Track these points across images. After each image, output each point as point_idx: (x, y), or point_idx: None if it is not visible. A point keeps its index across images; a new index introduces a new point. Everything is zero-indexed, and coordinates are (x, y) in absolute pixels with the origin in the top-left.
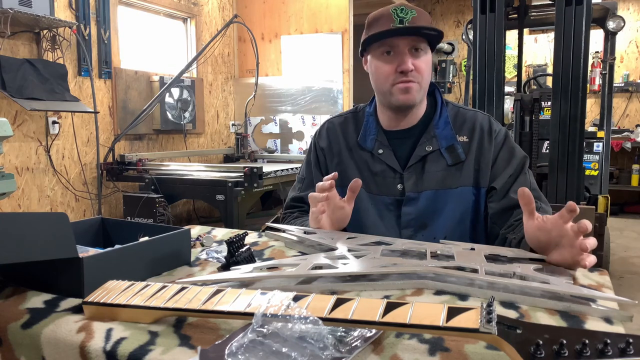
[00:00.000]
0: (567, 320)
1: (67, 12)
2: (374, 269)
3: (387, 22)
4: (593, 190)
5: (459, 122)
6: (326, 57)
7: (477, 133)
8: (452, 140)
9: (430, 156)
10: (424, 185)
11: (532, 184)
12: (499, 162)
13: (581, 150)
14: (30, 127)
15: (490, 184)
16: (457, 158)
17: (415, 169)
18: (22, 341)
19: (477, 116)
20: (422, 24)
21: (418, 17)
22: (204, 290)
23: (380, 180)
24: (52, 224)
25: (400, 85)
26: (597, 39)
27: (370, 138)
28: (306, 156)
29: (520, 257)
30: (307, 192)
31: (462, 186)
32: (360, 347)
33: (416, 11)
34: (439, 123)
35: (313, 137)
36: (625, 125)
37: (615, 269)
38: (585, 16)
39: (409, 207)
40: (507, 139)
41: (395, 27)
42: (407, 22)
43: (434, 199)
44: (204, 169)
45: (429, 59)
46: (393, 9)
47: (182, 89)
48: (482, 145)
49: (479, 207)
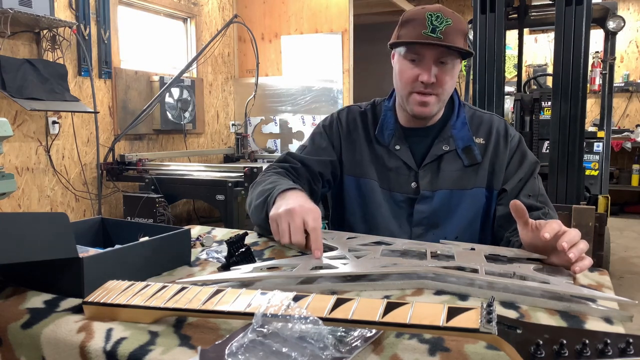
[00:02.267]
0: (567, 320)
1: (67, 12)
2: (374, 269)
3: (419, 27)
4: (593, 190)
5: (475, 123)
6: (326, 57)
7: (494, 136)
8: (469, 142)
9: (446, 156)
10: (439, 184)
11: (540, 189)
12: (511, 165)
13: (581, 150)
14: (30, 127)
15: (502, 186)
16: (473, 159)
17: (431, 168)
18: (22, 341)
19: (493, 119)
20: (455, 36)
21: (453, 27)
22: (204, 290)
23: (394, 177)
24: (52, 224)
25: (418, 97)
26: (597, 39)
27: (387, 133)
28: (314, 130)
29: (520, 257)
30: (308, 157)
31: (476, 187)
32: (360, 347)
33: (452, 20)
34: (456, 124)
35: (329, 120)
36: (625, 125)
37: (615, 269)
38: (585, 16)
39: (422, 205)
40: (520, 144)
41: (425, 35)
42: (440, 32)
43: (449, 199)
44: (204, 169)
45: (455, 71)
46: (428, 14)
47: (182, 89)
48: (498, 148)
49: (490, 209)
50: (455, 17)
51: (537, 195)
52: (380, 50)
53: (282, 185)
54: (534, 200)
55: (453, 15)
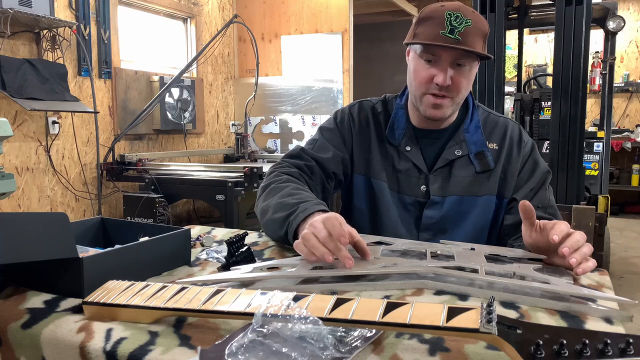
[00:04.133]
0: (567, 320)
1: (67, 12)
2: (374, 269)
3: (437, 26)
4: (593, 190)
5: (489, 127)
6: (326, 57)
7: (507, 142)
8: (483, 147)
9: (458, 161)
10: (449, 189)
11: (551, 200)
12: (522, 173)
13: (581, 150)
14: (30, 127)
15: (512, 195)
16: (486, 165)
17: (442, 173)
18: (22, 341)
19: (508, 124)
20: (474, 38)
21: (472, 28)
22: (204, 290)
23: (404, 179)
24: (52, 224)
25: (431, 98)
26: (597, 39)
27: (398, 132)
28: (324, 124)
29: (520, 257)
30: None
31: (488, 194)
32: (360, 347)
33: (472, 21)
34: (469, 127)
35: (341, 115)
36: (625, 125)
37: (615, 269)
38: (585, 16)
39: (432, 211)
40: (533, 151)
41: (443, 35)
42: (458, 33)
43: (459, 205)
44: (204, 169)
45: (472, 74)
46: (448, 13)
47: (182, 89)
48: (511, 155)
49: (499, 217)
50: (475, 16)
51: (546, 206)
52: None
53: (306, 203)
54: (542, 212)
55: (473, 15)
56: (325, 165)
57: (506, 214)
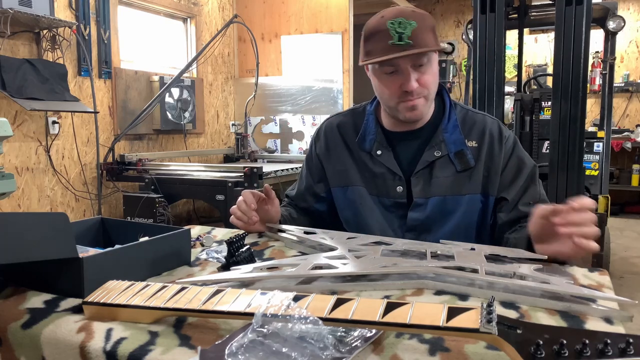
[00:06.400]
0: (567, 320)
1: (67, 12)
2: (374, 269)
3: (385, 38)
4: (593, 190)
5: (467, 125)
6: (326, 57)
7: (487, 139)
8: (462, 146)
9: (438, 162)
10: (432, 191)
11: (542, 195)
12: (507, 170)
13: (581, 150)
14: (30, 127)
15: (500, 193)
16: (466, 164)
17: (423, 175)
18: (22, 341)
19: (486, 120)
20: (424, 35)
21: (419, 27)
22: (204, 290)
23: (381, 182)
24: (52, 224)
25: (407, 104)
26: (597, 39)
27: (369, 138)
28: (306, 156)
29: (520, 257)
30: (297, 192)
31: (471, 193)
32: (360, 347)
33: (416, 21)
34: (447, 127)
35: (312, 139)
36: (625, 125)
37: (615, 269)
38: (585, 16)
39: (416, 213)
40: (516, 146)
41: (393, 45)
42: (407, 37)
43: (442, 205)
44: (204, 169)
45: (434, 69)
46: (390, 23)
47: (182, 89)
48: (492, 151)
49: (486, 215)
50: (417, 15)
51: (538, 201)
52: None
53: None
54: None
55: (414, 15)
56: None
57: (498, 213)
